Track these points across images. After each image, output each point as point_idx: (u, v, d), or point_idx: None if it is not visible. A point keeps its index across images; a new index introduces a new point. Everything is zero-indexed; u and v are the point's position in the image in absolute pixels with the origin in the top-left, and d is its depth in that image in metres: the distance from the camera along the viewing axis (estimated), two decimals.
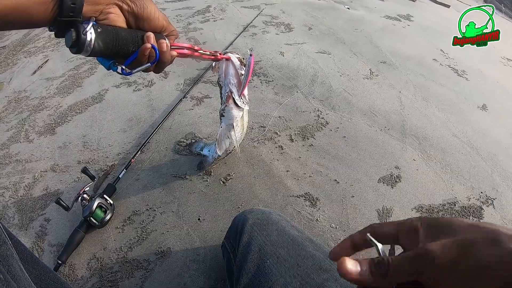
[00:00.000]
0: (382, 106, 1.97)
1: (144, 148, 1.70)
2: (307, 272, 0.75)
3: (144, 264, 1.32)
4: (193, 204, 1.48)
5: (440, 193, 1.52)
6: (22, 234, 1.50)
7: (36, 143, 1.91)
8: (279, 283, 0.74)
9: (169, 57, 0.83)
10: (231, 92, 1.21)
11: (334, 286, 0.71)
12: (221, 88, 1.25)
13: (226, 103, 1.23)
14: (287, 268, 0.76)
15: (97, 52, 0.69)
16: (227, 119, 1.27)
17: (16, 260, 0.67)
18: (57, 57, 2.69)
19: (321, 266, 0.76)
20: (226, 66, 1.21)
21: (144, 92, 2.12)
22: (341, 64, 2.31)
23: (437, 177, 1.57)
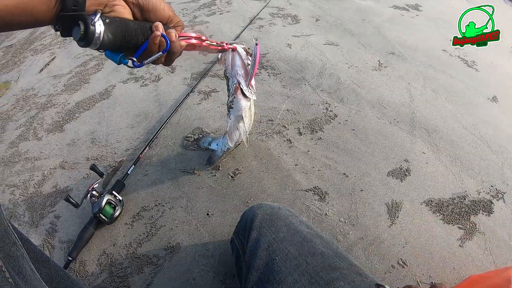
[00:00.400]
0: (391, 98, 1.94)
1: (152, 143, 1.69)
2: (316, 270, 0.74)
3: (154, 259, 1.32)
4: (201, 199, 1.48)
5: (450, 187, 1.49)
6: (32, 231, 1.51)
7: (45, 141, 1.92)
8: (287, 281, 0.73)
9: (179, 46, 0.82)
10: (238, 83, 1.20)
11: (343, 284, 0.70)
12: (228, 80, 1.23)
13: (235, 95, 1.21)
14: (296, 266, 0.75)
15: (107, 44, 0.67)
16: (236, 111, 1.25)
17: (26, 260, 0.67)
18: (64, 54, 2.69)
19: (330, 264, 0.75)
20: (233, 57, 1.19)
21: (151, 87, 2.12)
22: (349, 56, 2.28)
23: (446, 171, 1.55)
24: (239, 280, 1.02)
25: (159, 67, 2.27)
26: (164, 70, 2.24)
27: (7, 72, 2.77)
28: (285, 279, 0.74)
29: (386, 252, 1.27)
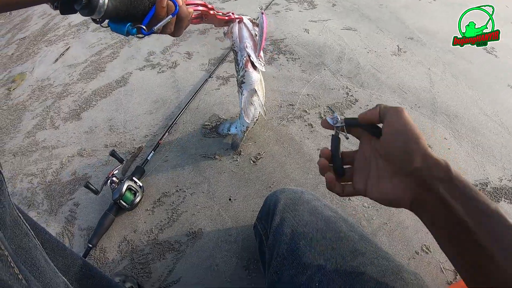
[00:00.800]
0: (411, 83, 1.89)
1: (171, 129, 1.68)
2: (342, 255, 0.70)
3: (176, 245, 1.31)
4: (223, 184, 1.45)
5: (472, 173, 1.45)
6: (51, 219, 1.51)
7: (62, 129, 1.91)
8: (312, 267, 0.70)
9: (186, 12, 0.78)
10: (248, 56, 1.16)
11: (370, 270, 0.66)
12: (237, 54, 1.20)
13: (245, 68, 1.17)
14: (321, 251, 0.72)
15: (112, 11, 0.63)
16: (248, 85, 1.22)
17: (40, 251, 0.65)
18: (78, 44, 2.68)
19: (357, 249, 0.71)
20: (240, 29, 1.15)
21: (168, 73, 2.10)
22: (367, 41, 2.23)
23: (468, 157, 1.50)
24: (263, 266, 1.00)
25: (175, 53, 2.25)
26: (181, 56, 2.22)
27: (22, 64, 2.77)
28: (310, 264, 0.71)
29: (410, 238, 1.24)
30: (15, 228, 0.61)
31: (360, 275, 0.65)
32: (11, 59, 2.96)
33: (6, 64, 2.92)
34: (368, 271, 0.66)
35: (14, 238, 0.59)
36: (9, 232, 0.58)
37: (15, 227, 0.61)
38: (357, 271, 0.66)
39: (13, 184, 1.71)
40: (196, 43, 2.31)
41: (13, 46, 3.21)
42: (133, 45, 2.44)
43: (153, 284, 1.23)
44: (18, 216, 0.63)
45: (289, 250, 0.76)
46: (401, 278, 0.64)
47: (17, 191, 1.67)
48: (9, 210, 0.60)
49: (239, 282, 1.18)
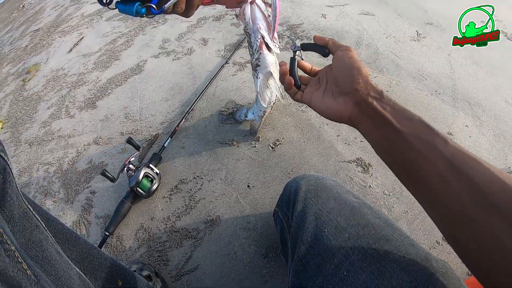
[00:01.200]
0: (431, 69, 1.84)
1: (188, 115, 1.66)
2: (368, 242, 0.67)
3: (193, 233, 1.29)
4: (241, 171, 1.43)
5: (494, 163, 1.39)
6: (68, 208, 1.51)
7: (78, 118, 1.91)
8: (339, 255, 0.67)
9: None
10: (262, 37, 1.11)
11: (398, 257, 0.63)
12: (250, 36, 1.15)
13: (260, 51, 1.13)
14: (346, 238, 0.69)
15: None
16: (263, 68, 1.17)
17: (51, 243, 0.63)
18: (92, 33, 2.68)
19: (383, 235, 0.68)
20: (252, 11, 1.11)
21: (184, 60, 2.07)
22: (386, 26, 2.18)
23: (490, 146, 1.45)
24: (284, 254, 0.98)
25: (191, 40, 2.23)
26: (196, 43, 2.20)
27: (36, 55, 2.79)
28: (337, 252, 0.68)
29: (431, 227, 1.20)
30: (24, 221, 0.59)
31: (388, 263, 0.63)
32: (25, 51, 2.97)
33: (21, 56, 2.94)
34: (396, 258, 0.63)
35: (23, 231, 0.58)
36: (18, 225, 0.57)
37: (24, 219, 0.59)
38: (385, 258, 0.63)
39: (29, 174, 1.71)
40: (212, 29, 2.29)
41: (27, 38, 3.23)
42: (147, 33, 2.43)
43: (170, 272, 1.22)
44: (27, 208, 0.61)
45: (313, 238, 0.73)
46: (430, 266, 0.61)
47: (34, 180, 1.67)
48: (18, 202, 0.58)
49: (257, 270, 1.16)
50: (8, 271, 0.37)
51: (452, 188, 0.48)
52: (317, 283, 0.67)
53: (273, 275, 1.14)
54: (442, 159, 0.50)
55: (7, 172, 0.56)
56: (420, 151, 0.52)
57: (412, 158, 0.53)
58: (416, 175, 0.53)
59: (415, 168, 0.53)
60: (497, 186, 0.45)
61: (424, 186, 0.52)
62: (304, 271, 0.71)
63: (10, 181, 0.56)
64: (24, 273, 0.40)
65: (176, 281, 1.19)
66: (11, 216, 0.55)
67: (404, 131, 0.55)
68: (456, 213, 0.47)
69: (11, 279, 0.37)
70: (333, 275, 0.66)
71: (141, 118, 1.77)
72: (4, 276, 0.36)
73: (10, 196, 0.55)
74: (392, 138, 0.56)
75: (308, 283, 0.69)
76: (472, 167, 0.47)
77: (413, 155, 0.53)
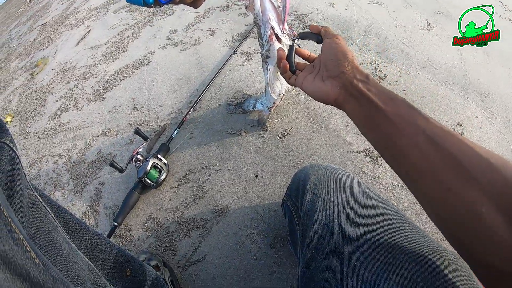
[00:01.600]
0: (441, 59, 1.81)
1: (196, 106, 1.65)
2: (379, 232, 0.67)
3: (201, 223, 1.29)
4: (249, 161, 1.42)
5: (504, 154, 1.36)
6: (77, 199, 1.51)
7: (86, 110, 1.92)
8: (349, 245, 0.67)
9: None
10: (272, 29, 1.10)
11: (409, 247, 0.63)
12: (260, 27, 1.14)
13: (270, 42, 1.11)
14: (357, 228, 0.69)
15: None
16: (273, 59, 1.16)
17: (60, 233, 0.64)
18: (99, 26, 2.68)
19: (393, 226, 0.68)
20: (262, 2, 1.09)
21: (191, 51, 2.06)
22: (395, 15, 2.15)
23: (500, 137, 1.42)
24: (292, 245, 0.97)
25: (198, 31, 2.22)
26: (204, 34, 2.18)
27: (44, 49, 2.80)
28: (347, 243, 0.68)
29: None
30: (33, 211, 0.59)
31: (399, 253, 0.62)
32: (33, 45, 2.99)
33: (29, 50, 2.95)
34: (406, 249, 0.63)
35: (33, 221, 0.58)
36: (27, 215, 0.57)
37: (33, 209, 0.59)
38: (396, 249, 0.63)
39: (38, 166, 1.72)
40: (219, 20, 2.27)
41: (34, 32, 3.24)
42: (154, 24, 2.42)
43: (178, 262, 1.22)
44: (36, 198, 0.61)
45: (324, 228, 0.72)
46: (440, 257, 0.60)
47: (43, 172, 1.68)
48: (27, 192, 0.58)
49: (265, 260, 1.16)
50: (16, 259, 0.37)
51: (432, 163, 0.50)
52: (328, 274, 0.66)
53: (280, 265, 1.14)
54: (422, 134, 0.52)
55: (16, 162, 0.57)
56: (401, 129, 0.55)
57: (394, 134, 0.56)
58: (398, 151, 0.55)
59: (397, 145, 0.55)
60: (476, 160, 0.46)
61: (406, 161, 0.54)
62: (315, 261, 0.70)
63: (19, 171, 0.57)
64: (33, 261, 0.40)
65: (184, 271, 1.20)
66: (20, 206, 0.56)
67: (387, 110, 0.58)
68: (437, 187, 0.49)
69: (20, 267, 0.37)
70: (344, 265, 0.65)
71: (149, 109, 1.77)
72: (12, 265, 0.36)
73: (19, 186, 0.56)
74: (376, 117, 0.59)
75: (319, 274, 0.68)
76: (452, 142, 0.49)
77: (395, 132, 0.56)
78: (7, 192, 0.54)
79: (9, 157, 0.56)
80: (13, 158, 0.56)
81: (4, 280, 0.34)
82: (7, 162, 0.55)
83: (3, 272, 0.34)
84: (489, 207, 0.42)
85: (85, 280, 0.63)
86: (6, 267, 0.35)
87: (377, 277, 0.61)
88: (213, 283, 1.15)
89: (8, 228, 0.40)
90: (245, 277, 1.14)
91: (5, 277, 0.34)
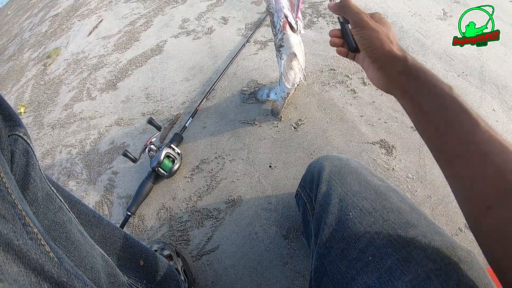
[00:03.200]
0: (458, 50, 1.77)
1: (209, 95, 1.64)
2: (394, 227, 0.65)
3: (214, 213, 1.29)
4: (263, 151, 1.41)
5: None
6: (90, 188, 1.52)
7: (99, 100, 1.92)
8: (364, 239, 0.65)
9: None
10: (286, 17, 1.07)
11: (424, 244, 0.61)
12: (273, 15, 1.11)
13: (284, 31, 1.09)
14: (372, 222, 0.67)
15: None
16: (287, 49, 1.14)
17: (75, 224, 0.64)
18: (111, 15, 2.68)
19: (408, 221, 0.66)
20: None
21: (204, 40, 2.05)
22: (411, 3, 2.11)
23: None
24: (305, 236, 0.96)
25: (211, 19, 2.20)
26: (216, 22, 2.17)
27: (56, 40, 2.81)
28: (362, 237, 0.66)
29: (454, 213, 1.15)
30: (48, 203, 0.59)
31: (414, 249, 0.60)
32: (45, 36, 3.00)
33: (41, 41, 2.97)
34: (422, 245, 0.61)
35: (47, 213, 0.58)
36: (42, 207, 0.57)
37: (48, 201, 0.59)
38: (411, 245, 0.61)
39: (52, 156, 1.73)
40: (231, 8, 2.24)
41: (46, 23, 3.25)
42: (166, 13, 2.41)
43: (191, 252, 1.22)
44: (51, 190, 0.61)
45: (338, 221, 0.71)
46: (455, 254, 0.59)
47: (57, 162, 1.69)
48: (41, 184, 0.58)
49: (278, 251, 1.15)
50: (30, 253, 0.37)
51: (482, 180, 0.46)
52: (341, 268, 0.65)
53: (293, 257, 1.13)
54: (477, 153, 0.48)
55: (30, 155, 0.57)
56: (449, 138, 0.50)
57: (441, 144, 0.52)
58: (448, 160, 0.51)
59: (445, 154, 0.51)
60: None
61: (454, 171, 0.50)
62: (328, 254, 0.69)
63: (33, 163, 0.57)
64: (47, 255, 0.40)
65: (197, 260, 1.20)
66: (35, 198, 0.55)
67: (432, 114, 0.53)
68: (480, 206, 0.45)
69: (34, 261, 0.37)
70: (358, 259, 0.64)
71: (162, 99, 1.76)
72: (26, 259, 0.36)
73: (33, 179, 0.56)
74: (421, 119, 0.55)
75: (332, 267, 0.67)
76: (499, 152, 0.46)
77: (441, 140, 0.51)
78: (21, 184, 0.54)
79: (23, 149, 0.56)
80: (27, 151, 0.56)
81: (18, 274, 0.34)
82: (21, 155, 0.55)
83: (17, 266, 0.34)
84: None
85: (99, 271, 0.63)
86: (21, 261, 0.35)
87: (391, 273, 0.59)
88: (226, 273, 1.15)
89: (22, 221, 0.39)
90: (257, 268, 1.13)
91: (20, 271, 0.34)
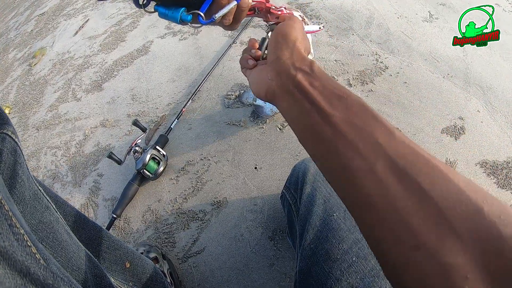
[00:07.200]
0: (444, 51, 1.79)
1: (195, 96, 1.63)
2: None
3: (200, 215, 1.29)
4: (249, 152, 1.41)
5: (505, 150, 1.36)
6: (76, 191, 1.51)
7: (84, 101, 1.91)
8: (348, 240, 0.67)
9: (247, 1, 0.65)
10: None
11: None
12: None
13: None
14: (355, 223, 0.66)
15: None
16: None
17: (62, 224, 0.64)
18: (97, 15, 2.65)
19: None
20: None
21: (190, 40, 2.04)
22: (397, 6, 2.12)
23: (502, 132, 1.41)
24: (291, 237, 0.97)
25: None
26: None
27: (42, 39, 2.78)
28: (346, 238, 0.67)
29: None
30: (35, 202, 0.59)
31: None
32: (31, 35, 2.96)
33: (26, 40, 2.93)
34: None
35: (34, 212, 0.58)
36: (29, 207, 0.57)
37: (35, 201, 0.59)
38: None
39: (37, 158, 1.72)
40: None
41: (32, 22, 3.21)
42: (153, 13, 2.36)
43: (177, 254, 1.22)
44: (38, 190, 0.62)
45: (322, 222, 0.72)
46: None
47: (42, 164, 1.68)
48: (28, 184, 0.58)
49: (264, 253, 1.16)
50: (16, 255, 0.36)
51: (395, 200, 0.34)
52: (326, 269, 0.66)
53: (279, 258, 1.14)
54: (383, 156, 0.37)
55: (18, 154, 0.57)
56: (354, 144, 0.39)
57: (343, 152, 0.39)
58: (346, 175, 0.39)
59: (347, 168, 0.39)
60: (453, 198, 0.32)
61: (356, 192, 0.38)
62: (313, 256, 0.70)
63: (21, 162, 0.57)
64: (33, 257, 0.40)
65: (183, 263, 1.20)
66: (22, 197, 0.56)
67: (335, 116, 0.42)
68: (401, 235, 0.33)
69: (20, 263, 0.36)
70: (342, 260, 0.65)
71: (148, 100, 1.75)
72: (12, 261, 0.36)
73: (20, 178, 0.56)
74: (318, 124, 0.43)
75: (316, 268, 0.67)
76: (424, 172, 0.36)
77: (344, 148, 0.39)
78: (9, 183, 0.54)
79: (11, 148, 0.56)
80: (15, 149, 0.57)
81: (4, 276, 0.33)
82: (9, 153, 0.55)
83: (3, 268, 0.34)
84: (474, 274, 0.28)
85: (86, 272, 0.63)
86: (6, 263, 0.35)
87: (375, 274, 0.60)
88: (212, 275, 1.15)
89: (8, 222, 0.39)
90: (244, 270, 1.14)
91: (5, 273, 0.34)
